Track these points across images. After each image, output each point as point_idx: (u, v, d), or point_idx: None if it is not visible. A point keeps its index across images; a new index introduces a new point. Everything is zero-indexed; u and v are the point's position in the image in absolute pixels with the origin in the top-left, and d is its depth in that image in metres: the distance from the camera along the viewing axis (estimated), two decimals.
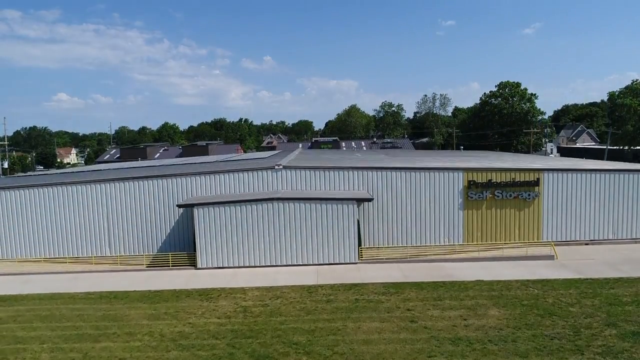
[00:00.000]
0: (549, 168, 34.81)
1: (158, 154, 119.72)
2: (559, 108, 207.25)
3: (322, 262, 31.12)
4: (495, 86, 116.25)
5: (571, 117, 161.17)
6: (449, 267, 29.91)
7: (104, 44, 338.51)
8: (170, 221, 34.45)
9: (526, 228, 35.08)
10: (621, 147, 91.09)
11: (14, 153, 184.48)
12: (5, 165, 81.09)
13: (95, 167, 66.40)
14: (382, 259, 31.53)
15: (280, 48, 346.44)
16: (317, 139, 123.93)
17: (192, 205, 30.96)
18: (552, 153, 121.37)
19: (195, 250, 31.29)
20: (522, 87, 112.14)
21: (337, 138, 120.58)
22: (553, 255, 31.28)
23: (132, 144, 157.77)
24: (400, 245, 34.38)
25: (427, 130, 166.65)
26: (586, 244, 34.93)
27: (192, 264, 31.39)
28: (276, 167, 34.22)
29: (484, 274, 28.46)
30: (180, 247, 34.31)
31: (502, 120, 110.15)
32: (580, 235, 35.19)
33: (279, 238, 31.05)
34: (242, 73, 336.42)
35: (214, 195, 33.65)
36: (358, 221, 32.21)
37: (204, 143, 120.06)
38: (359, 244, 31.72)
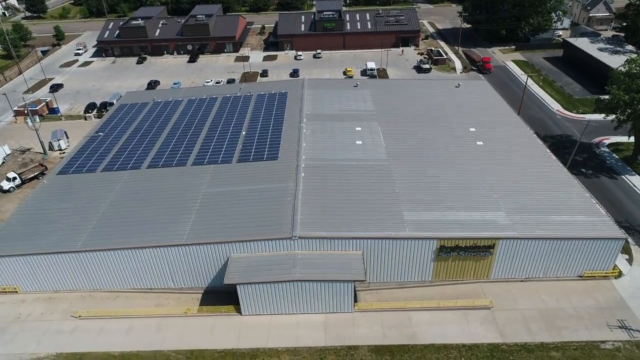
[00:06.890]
0: (504, 237, 44.94)
1: (158, 31, 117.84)
2: None
3: (329, 311, 44.84)
4: None
5: None
6: (415, 321, 43.68)
7: None
8: (215, 267, 46.61)
9: (480, 270, 47.36)
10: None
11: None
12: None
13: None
14: (370, 309, 45.04)
15: None
16: (320, 14, 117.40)
17: (236, 284, 42.94)
18: (561, 33, 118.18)
19: (239, 302, 44.64)
20: None
21: (340, 13, 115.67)
22: (490, 307, 44.70)
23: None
24: (387, 280, 47.48)
25: None
26: (522, 281, 47.78)
27: (238, 310, 45.17)
28: (293, 237, 44.47)
29: (436, 333, 42.56)
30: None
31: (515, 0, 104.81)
32: (519, 274, 47.69)
33: (300, 300, 43.97)
34: None
35: (250, 259, 44.79)
36: (354, 285, 44.45)
37: (203, 17, 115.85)
38: (355, 300, 44.83)
